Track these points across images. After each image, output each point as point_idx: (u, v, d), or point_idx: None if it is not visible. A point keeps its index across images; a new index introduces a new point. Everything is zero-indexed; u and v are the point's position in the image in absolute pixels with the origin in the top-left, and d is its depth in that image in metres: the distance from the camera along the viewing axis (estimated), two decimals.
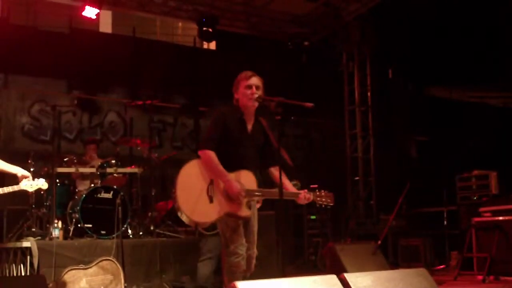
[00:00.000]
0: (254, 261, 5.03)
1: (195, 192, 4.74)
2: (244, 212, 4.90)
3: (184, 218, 4.77)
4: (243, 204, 4.85)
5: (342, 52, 12.74)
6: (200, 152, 4.88)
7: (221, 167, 4.79)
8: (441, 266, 10.05)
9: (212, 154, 4.81)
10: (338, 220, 11.56)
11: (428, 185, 10.82)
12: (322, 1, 10.89)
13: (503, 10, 12.78)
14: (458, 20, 13.13)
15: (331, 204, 5.11)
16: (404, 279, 5.05)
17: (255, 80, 5.01)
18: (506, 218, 8.73)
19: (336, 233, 11.08)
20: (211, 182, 4.77)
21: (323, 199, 5.08)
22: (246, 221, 4.97)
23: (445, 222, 7.78)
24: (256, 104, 4.99)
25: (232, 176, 4.82)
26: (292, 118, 4.94)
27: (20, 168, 5.69)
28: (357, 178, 12.42)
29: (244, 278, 4.82)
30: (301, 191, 5.02)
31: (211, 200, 4.75)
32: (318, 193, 5.07)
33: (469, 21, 13.16)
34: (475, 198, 10.51)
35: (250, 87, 4.97)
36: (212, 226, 5.70)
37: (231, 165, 4.83)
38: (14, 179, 5.64)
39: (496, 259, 8.56)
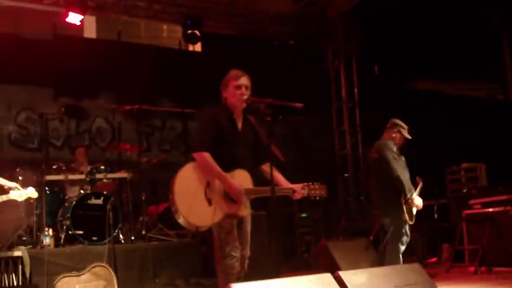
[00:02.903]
0: (247, 262, 5.03)
1: (193, 195, 4.72)
2: (244, 211, 4.91)
3: (182, 222, 4.75)
4: (243, 203, 4.85)
5: (327, 49, 12.75)
6: (195, 155, 4.86)
7: (219, 168, 4.78)
8: (433, 259, 10.09)
9: (208, 156, 4.79)
10: (329, 217, 11.57)
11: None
12: (306, 0, 10.89)
13: (485, 4, 12.88)
14: (442, 14, 13.21)
15: (325, 196, 5.11)
16: (398, 274, 5.06)
17: (244, 80, 5.00)
18: (496, 209, 8.80)
19: (328, 230, 11.09)
20: (208, 185, 4.76)
21: (317, 192, 5.08)
22: (240, 221, 4.97)
23: (436, 216, 7.83)
24: (245, 104, 4.99)
25: (228, 176, 4.82)
26: (280, 117, 4.90)
27: (5, 181, 5.65)
28: (346, 174, 12.44)
29: (238, 278, 4.82)
30: (295, 185, 5.01)
31: (209, 203, 4.74)
32: (311, 185, 5.07)
33: (452, 16, 13.25)
34: (464, 190, 10.59)
35: (240, 87, 4.96)
36: None
37: (226, 165, 4.82)
38: (2, 190, 5.62)
39: (487, 251, 8.63)
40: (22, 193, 5.80)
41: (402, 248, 6.67)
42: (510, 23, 15.67)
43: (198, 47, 12.83)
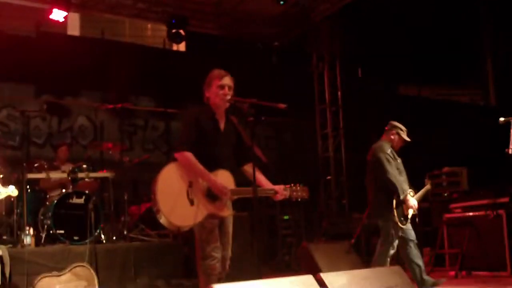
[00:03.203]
0: (228, 262, 5.01)
1: (175, 195, 4.69)
2: (226, 211, 4.90)
3: (164, 222, 4.72)
4: (225, 203, 4.85)
5: (312, 52, 12.78)
6: (177, 155, 4.83)
7: (201, 167, 4.76)
8: None
9: (190, 155, 4.77)
10: (311, 220, 11.59)
11: None
12: (291, 2, 10.90)
13: (469, 11, 12.98)
14: (426, 20, 13.30)
15: (307, 198, 5.12)
16: (379, 277, 5.10)
17: (227, 80, 4.99)
18: (476, 213, 8.88)
19: (309, 232, 11.11)
20: (190, 185, 4.74)
21: (299, 193, 5.09)
22: (221, 222, 4.95)
23: (417, 219, 7.84)
24: (228, 104, 4.98)
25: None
26: (263, 118, 4.90)
27: None
28: (329, 177, 12.47)
29: (220, 279, 4.80)
30: (277, 186, 5.01)
31: (191, 203, 4.72)
32: (293, 187, 5.07)
33: (436, 21, 13.34)
34: (445, 194, 10.65)
35: (223, 87, 4.95)
36: None
37: (208, 165, 4.79)
38: None
39: (467, 255, 8.69)
40: (2, 191, 5.73)
41: (392, 251, 6.70)
42: (492, 32, 15.86)
43: (182, 46, 12.83)
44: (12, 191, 5.81)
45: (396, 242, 6.71)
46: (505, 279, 8.06)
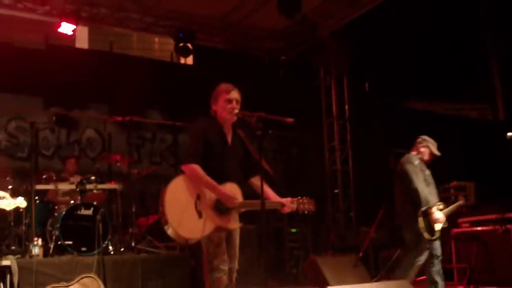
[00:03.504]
0: (235, 275, 5.03)
1: (183, 208, 4.71)
2: (234, 224, 4.91)
3: (172, 234, 4.73)
4: (233, 216, 4.85)
5: (319, 66, 12.80)
6: (184, 167, 4.85)
7: (209, 178, 4.78)
8: (422, 278, 10.09)
9: (197, 167, 4.79)
10: (318, 233, 11.57)
11: None
12: (298, 17, 10.96)
13: (477, 26, 13.00)
14: (434, 35, 13.32)
15: (313, 210, 5.13)
16: None
17: (235, 94, 5.01)
18: (484, 228, 8.85)
19: (317, 246, 11.09)
20: (198, 197, 4.76)
21: (306, 206, 5.10)
22: (228, 234, 4.96)
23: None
24: (235, 118, 5.00)
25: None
26: (270, 132, 4.91)
27: None
28: (336, 190, 12.43)
29: None
30: (284, 199, 5.02)
31: (200, 215, 4.73)
32: (300, 200, 5.09)
33: (445, 36, 13.36)
34: None
35: (231, 101, 4.98)
36: None
37: (215, 178, 4.81)
38: None
39: (475, 269, 8.64)
40: (10, 203, 5.76)
41: (419, 261, 6.67)
42: (500, 46, 15.86)
43: (189, 60, 12.87)
44: (20, 202, 5.84)
45: (424, 255, 6.69)
46: None
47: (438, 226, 6.72)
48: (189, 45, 10.86)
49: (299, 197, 5.11)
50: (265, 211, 4.64)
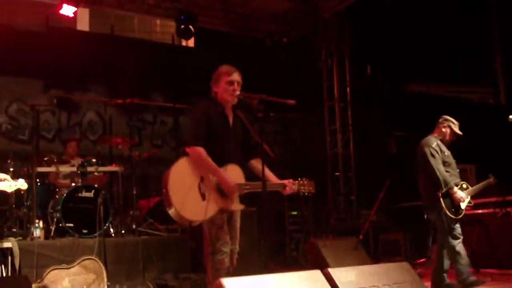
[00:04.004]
0: (236, 257, 5.04)
1: (187, 189, 4.70)
2: (236, 206, 4.91)
3: (175, 216, 4.72)
4: (236, 198, 4.86)
5: (321, 48, 12.75)
6: (188, 149, 4.84)
7: (212, 163, 4.78)
8: (422, 260, 10.12)
9: (202, 150, 4.79)
10: (319, 215, 11.60)
11: (408, 180, 10.89)
12: None
13: (478, 9, 12.91)
14: (436, 17, 13.24)
15: (313, 192, 5.13)
16: (387, 273, 5.10)
17: (236, 76, 5.00)
18: (485, 211, 8.86)
19: (317, 228, 11.12)
20: (202, 179, 4.76)
21: (306, 188, 5.10)
22: (230, 216, 4.97)
23: (426, 216, 7.84)
24: (236, 100, 4.99)
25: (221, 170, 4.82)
26: (271, 114, 4.90)
27: None
28: (337, 173, 12.44)
29: (228, 274, 4.82)
30: (286, 181, 5.02)
31: (203, 198, 4.74)
32: (300, 181, 5.09)
33: (446, 18, 13.28)
34: None
35: (232, 83, 4.96)
36: None
37: (217, 160, 4.81)
38: None
39: (476, 252, 8.66)
40: (11, 184, 5.77)
41: (457, 242, 6.64)
42: (502, 29, 15.78)
43: (191, 42, 12.82)
44: (22, 184, 5.85)
45: (458, 231, 6.67)
46: None
47: (463, 205, 6.71)
48: (190, 27, 10.82)
49: (299, 179, 5.11)
50: (266, 193, 4.65)
